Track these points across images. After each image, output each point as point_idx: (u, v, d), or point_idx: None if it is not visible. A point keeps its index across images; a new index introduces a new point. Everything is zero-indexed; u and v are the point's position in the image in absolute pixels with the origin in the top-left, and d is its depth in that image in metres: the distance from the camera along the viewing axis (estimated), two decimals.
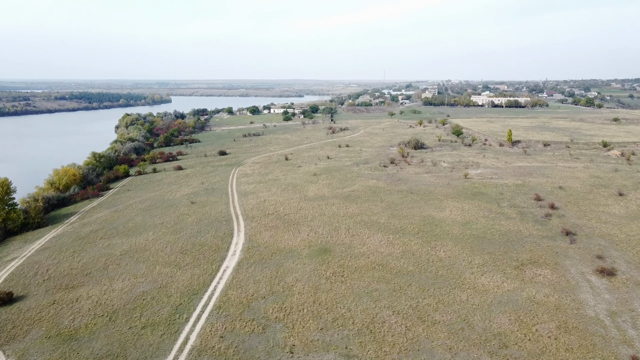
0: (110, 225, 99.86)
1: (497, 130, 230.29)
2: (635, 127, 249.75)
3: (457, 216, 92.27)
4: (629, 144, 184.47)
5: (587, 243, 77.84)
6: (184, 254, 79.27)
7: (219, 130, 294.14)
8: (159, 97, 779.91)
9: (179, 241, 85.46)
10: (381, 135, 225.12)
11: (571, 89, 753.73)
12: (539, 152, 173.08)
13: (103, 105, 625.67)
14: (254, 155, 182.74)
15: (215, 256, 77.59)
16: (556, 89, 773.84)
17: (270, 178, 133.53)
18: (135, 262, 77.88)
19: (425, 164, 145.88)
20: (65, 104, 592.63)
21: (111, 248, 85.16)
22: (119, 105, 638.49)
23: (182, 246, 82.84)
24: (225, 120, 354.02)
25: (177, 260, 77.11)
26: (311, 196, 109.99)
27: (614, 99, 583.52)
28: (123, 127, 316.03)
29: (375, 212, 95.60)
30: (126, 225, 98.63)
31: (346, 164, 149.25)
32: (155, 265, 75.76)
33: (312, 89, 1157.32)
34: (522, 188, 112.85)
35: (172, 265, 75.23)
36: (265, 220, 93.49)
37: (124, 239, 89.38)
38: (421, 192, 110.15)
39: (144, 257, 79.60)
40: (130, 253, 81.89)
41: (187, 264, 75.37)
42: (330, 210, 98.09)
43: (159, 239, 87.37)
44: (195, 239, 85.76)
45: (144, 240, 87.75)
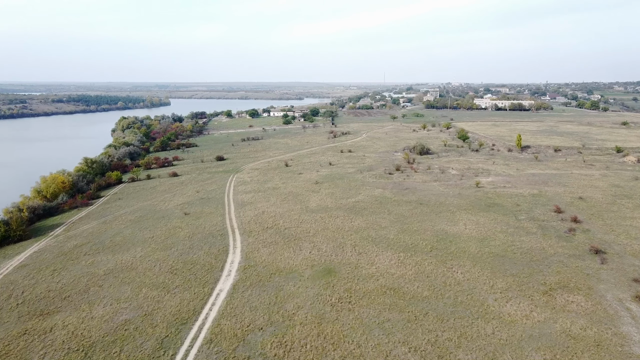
0: (96, 239, 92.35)
1: (504, 135, 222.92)
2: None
3: (473, 231, 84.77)
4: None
5: (619, 263, 70.32)
6: (174, 274, 71.78)
7: (217, 134, 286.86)
8: (157, 99, 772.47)
9: (169, 259, 77.97)
10: (384, 140, 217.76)
11: (574, 91, 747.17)
12: (550, 158, 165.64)
13: (101, 108, 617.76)
14: (252, 160, 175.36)
15: (208, 277, 70.09)
16: (558, 91, 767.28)
17: (269, 186, 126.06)
18: (119, 283, 70.37)
19: (432, 171, 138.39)
20: (62, 107, 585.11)
21: (95, 266, 77.65)
22: (117, 108, 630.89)
23: (172, 265, 75.36)
24: (224, 124, 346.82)
25: (166, 281, 69.60)
26: (313, 207, 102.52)
27: (618, 102, 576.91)
28: (119, 130, 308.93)
29: (383, 226, 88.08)
30: (113, 239, 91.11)
31: (349, 171, 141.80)
32: (141, 287, 68.24)
33: (312, 92, 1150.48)
34: (539, 198, 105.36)
35: (160, 287, 67.73)
36: (264, 235, 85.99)
37: (110, 256, 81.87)
38: (431, 203, 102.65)
39: (129, 277, 72.10)
40: (115, 272, 74.39)
41: (176, 286, 67.85)
42: (334, 223, 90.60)
43: (147, 256, 79.87)
44: (187, 257, 78.28)
45: (131, 257, 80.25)
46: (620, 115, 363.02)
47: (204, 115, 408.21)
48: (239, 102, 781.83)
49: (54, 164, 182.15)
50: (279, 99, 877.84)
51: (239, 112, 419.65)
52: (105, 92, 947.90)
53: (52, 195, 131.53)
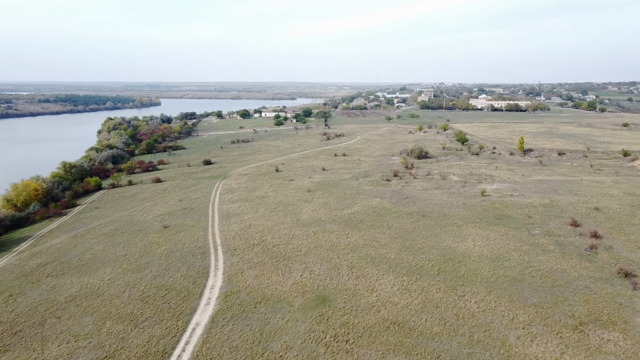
0: (63, 256, 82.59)
1: (504, 137, 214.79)
2: None
3: (483, 249, 75.87)
4: None
5: None
6: (145, 303, 62.32)
7: (206, 136, 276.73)
8: (147, 99, 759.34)
9: (140, 283, 68.47)
10: (380, 143, 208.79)
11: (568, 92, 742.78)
12: (554, 162, 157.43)
13: (89, 109, 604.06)
14: (241, 165, 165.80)
15: (183, 306, 60.68)
16: (552, 92, 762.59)
17: (257, 195, 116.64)
18: (81, 313, 60.85)
19: (433, 178, 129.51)
20: (49, 107, 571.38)
21: (56, 291, 68.04)
22: (106, 108, 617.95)
23: (144, 291, 65.86)
24: (214, 125, 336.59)
25: (135, 312, 60.11)
26: (305, 220, 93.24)
27: (613, 103, 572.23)
28: (105, 131, 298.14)
29: (383, 243, 78.98)
30: (82, 257, 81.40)
31: (344, 177, 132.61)
32: (105, 319, 58.71)
33: (305, 92, 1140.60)
34: (552, 209, 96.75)
35: (127, 319, 58.23)
36: (250, 254, 76.63)
37: (75, 278, 72.25)
38: (434, 215, 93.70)
39: (93, 306, 62.56)
40: (78, 299, 64.85)
41: (146, 318, 58.38)
42: (328, 240, 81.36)
43: (117, 279, 70.34)
44: (162, 280, 68.82)
45: (99, 280, 70.68)
46: (619, 116, 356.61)
47: (194, 115, 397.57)
48: (231, 102, 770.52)
49: (30, 168, 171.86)
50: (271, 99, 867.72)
51: (230, 113, 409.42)
52: (95, 92, 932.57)
53: (23, 204, 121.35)
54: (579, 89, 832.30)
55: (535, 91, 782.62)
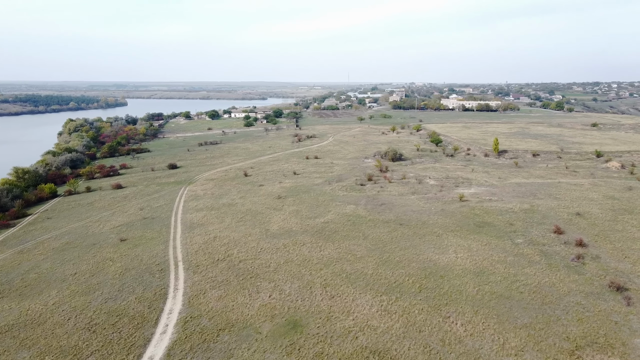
0: (4, 276, 73.86)
1: (477, 138, 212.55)
2: (617, 133, 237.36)
3: (466, 261, 70.88)
4: (623, 153, 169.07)
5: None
6: (92, 332, 54.80)
7: (172, 138, 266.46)
8: (113, 100, 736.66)
9: (89, 308, 60.79)
10: (353, 144, 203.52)
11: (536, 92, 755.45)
12: (530, 163, 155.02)
13: (51, 109, 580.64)
14: (208, 169, 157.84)
15: (136, 336, 53.45)
16: (521, 92, 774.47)
17: (224, 202, 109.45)
18: (17, 347, 52.99)
19: (409, 182, 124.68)
20: (7, 108, 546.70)
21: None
22: (69, 109, 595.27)
23: (92, 317, 58.25)
24: (181, 126, 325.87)
25: (80, 344, 52.57)
26: (275, 231, 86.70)
27: (579, 102, 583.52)
28: (66, 133, 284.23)
29: (359, 256, 73.18)
30: (25, 277, 72.91)
31: (316, 182, 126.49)
32: (45, 354, 51.07)
33: (276, 92, 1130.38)
34: (533, 215, 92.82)
35: (70, 354, 50.70)
36: (214, 271, 69.69)
37: (15, 303, 63.98)
38: (413, 223, 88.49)
39: (32, 337, 54.68)
40: (16, 329, 56.84)
41: (92, 352, 50.99)
42: (299, 253, 75.07)
43: (62, 304, 62.43)
44: (114, 304, 61.29)
45: (42, 305, 62.64)
46: (587, 116, 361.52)
47: (161, 116, 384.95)
48: (200, 103, 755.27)
49: None
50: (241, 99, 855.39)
51: (199, 114, 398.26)
52: (58, 92, 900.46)
53: None
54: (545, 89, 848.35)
55: (504, 91, 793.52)
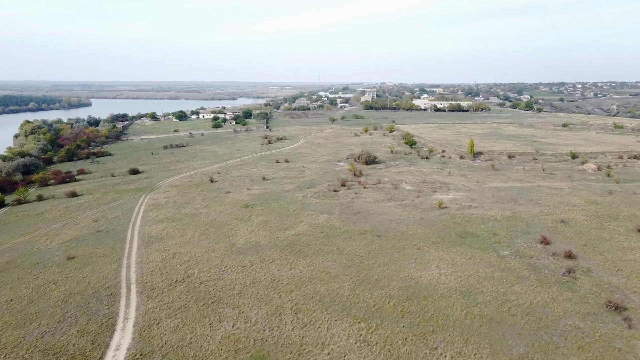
0: None
1: (451, 139, 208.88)
2: (588, 133, 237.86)
3: (450, 277, 64.85)
4: (597, 154, 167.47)
5: None
6: None
7: (137, 140, 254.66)
8: (76, 100, 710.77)
9: (22, 345, 52.05)
10: (325, 147, 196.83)
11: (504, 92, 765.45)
12: (506, 166, 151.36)
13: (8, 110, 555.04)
14: (172, 174, 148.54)
15: None
16: (490, 92, 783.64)
17: (187, 212, 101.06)
18: None
19: (384, 187, 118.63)
20: None
21: None
22: (29, 110, 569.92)
23: (25, 358, 49.67)
24: (146, 128, 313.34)
25: None
26: (241, 245, 79.05)
27: (547, 102, 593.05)
28: (23, 136, 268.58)
29: (334, 275, 66.32)
30: None
31: (287, 189, 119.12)
32: None
33: (246, 92, 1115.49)
34: (517, 223, 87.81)
35: None
36: (171, 295, 61.70)
37: None
38: (390, 235, 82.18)
39: None
40: None
41: None
42: (267, 272, 67.70)
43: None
44: (51, 339, 52.71)
45: None
46: (556, 116, 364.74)
47: (126, 117, 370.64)
48: (168, 103, 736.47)
49: None
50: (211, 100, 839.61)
51: (165, 115, 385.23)
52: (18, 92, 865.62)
53: None
54: (514, 89, 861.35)
55: (474, 91, 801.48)
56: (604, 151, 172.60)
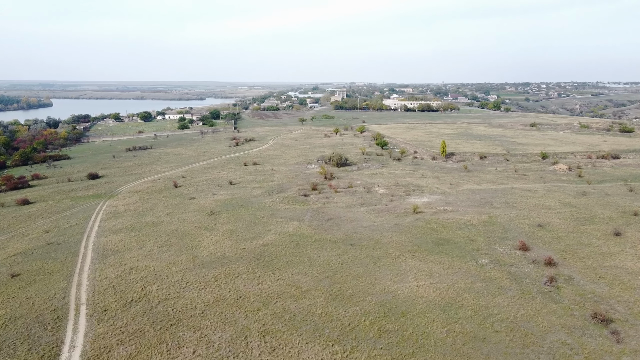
0: None
1: (423, 139, 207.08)
2: (555, 133, 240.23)
3: (429, 290, 60.97)
4: (566, 154, 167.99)
5: (638, 341, 49.78)
6: None
7: (98, 142, 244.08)
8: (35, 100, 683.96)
9: None
10: (295, 148, 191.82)
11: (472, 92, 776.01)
12: (478, 167, 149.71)
13: None
14: (134, 178, 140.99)
15: None
16: (458, 92, 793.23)
17: (148, 221, 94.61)
18: None
19: (357, 191, 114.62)
20: None
21: None
22: None
23: None
24: (109, 129, 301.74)
25: None
26: (205, 258, 73.44)
27: (513, 102, 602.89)
28: None
29: (305, 290, 61.57)
30: None
31: (255, 194, 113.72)
32: None
33: (215, 92, 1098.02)
34: (494, 228, 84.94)
35: None
36: (125, 318, 55.74)
37: None
38: (364, 243, 78.00)
39: None
40: None
41: None
42: (233, 288, 62.42)
43: None
44: None
45: None
46: (523, 116, 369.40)
47: (88, 118, 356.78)
48: (134, 103, 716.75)
49: None
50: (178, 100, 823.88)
51: (130, 115, 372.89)
52: None
53: None
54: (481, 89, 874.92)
55: (442, 91, 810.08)
56: (573, 151, 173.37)
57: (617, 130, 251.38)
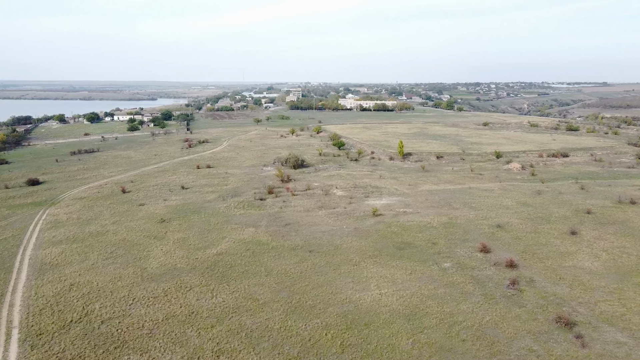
0: None
1: (379, 139, 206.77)
2: (507, 132, 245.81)
3: (392, 298, 58.66)
4: (519, 153, 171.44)
5: (602, 342, 49.08)
6: None
7: (40, 146, 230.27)
8: None
9: None
10: (250, 150, 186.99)
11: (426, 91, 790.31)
12: (435, 167, 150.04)
13: None
14: (79, 184, 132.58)
15: None
16: (412, 91, 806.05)
17: (93, 230, 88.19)
18: None
19: (314, 193, 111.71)
20: None
21: None
22: None
23: None
24: (53, 131, 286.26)
25: None
26: (154, 270, 68.47)
27: (465, 102, 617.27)
28: None
29: (262, 302, 57.94)
30: None
31: (208, 199, 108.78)
32: None
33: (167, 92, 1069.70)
34: (454, 230, 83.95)
35: None
36: (62, 342, 50.42)
37: None
38: (324, 249, 75.08)
39: None
40: None
41: None
42: (185, 303, 57.99)
43: None
44: None
45: None
46: (476, 115, 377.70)
47: (30, 120, 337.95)
48: (81, 104, 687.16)
49: None
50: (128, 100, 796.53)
51: (76, 116, 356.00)
52: None
53: None
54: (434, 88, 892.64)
55: (397, 91, 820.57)
56: (525, 150, 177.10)
57: (564, 128, 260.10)
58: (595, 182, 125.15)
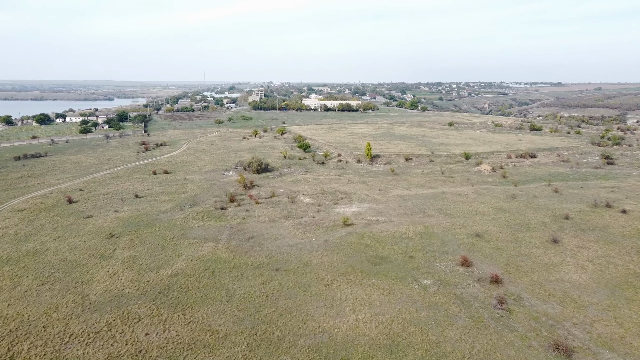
0: None
1: (345, 141, 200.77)
2: (473, 132, 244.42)
3: (370, 326, 52.06)
4: (488, 154, 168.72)
5: None
6: None
7: None
8: None
9: None
10: (211, 153, 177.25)
11: (389, 91, 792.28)
12: (405, 169, 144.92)
13: None
14: (20, 193, 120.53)
15: None
16: (375, 91, 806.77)
17: (30, 248, 78.06)
18: None
19: (280, 201, 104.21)
20: None
21: None
22: None
23: None
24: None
25: None
26: (97, 296, 59.64)
27: (428, 102, 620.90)
28: None
29: (222, 335, 50.30)
30: None
31: (164, 209, 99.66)
32: None
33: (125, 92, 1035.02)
34: (431, 241, 78.28)
35: None
36: None
37: None
38: (292, 267, 67.87)
39: None
40: None
41: None
42: (131, 340, 49.66)
43: None
44: None
45: None
46: (440, 115, 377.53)
47: None
48: (31, 104, 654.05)
49: None
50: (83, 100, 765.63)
51: (24, 118, 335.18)
52: None
53: None
54: (397, 88, 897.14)
55: (360, 90, 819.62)
56: (493, 151, 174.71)
57: (527, 128, 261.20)
58: (567, 185, 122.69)
